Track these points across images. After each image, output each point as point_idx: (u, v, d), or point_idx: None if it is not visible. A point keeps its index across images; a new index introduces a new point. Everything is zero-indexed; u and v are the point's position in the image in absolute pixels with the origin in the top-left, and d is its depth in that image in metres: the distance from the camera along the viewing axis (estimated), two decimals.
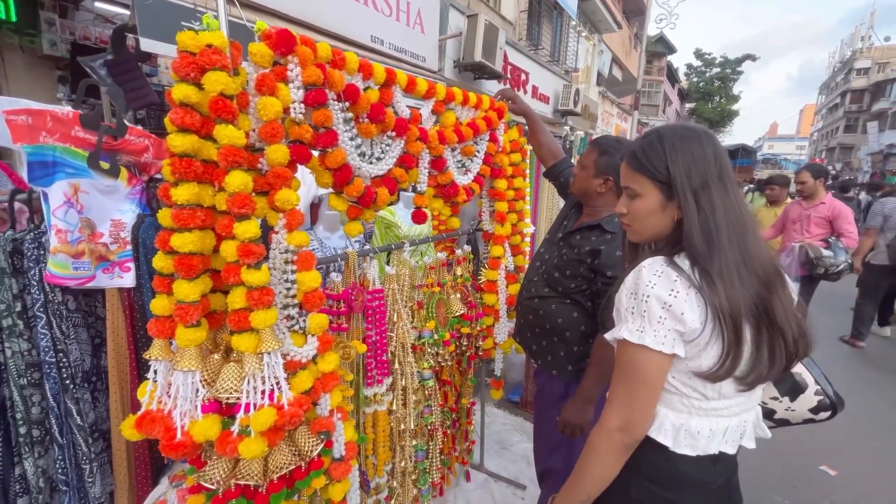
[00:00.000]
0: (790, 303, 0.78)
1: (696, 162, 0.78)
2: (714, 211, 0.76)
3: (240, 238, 0.88)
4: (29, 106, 1.14)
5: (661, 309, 0.74)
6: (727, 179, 0.78)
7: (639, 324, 0.76)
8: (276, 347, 0.93)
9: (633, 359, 0.77)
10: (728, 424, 0.82)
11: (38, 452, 1.17)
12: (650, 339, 0.74)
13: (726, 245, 0.75)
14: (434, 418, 1.59)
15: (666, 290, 0.74)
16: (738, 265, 0.75)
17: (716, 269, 0.73)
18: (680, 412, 0.81)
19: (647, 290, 0.75)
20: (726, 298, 0.72)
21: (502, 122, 1.68)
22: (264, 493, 0.95)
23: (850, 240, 3.38)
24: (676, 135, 0.81)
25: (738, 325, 0.72)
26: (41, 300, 1.14)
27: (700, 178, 0.77)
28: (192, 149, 0.85)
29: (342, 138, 1.10)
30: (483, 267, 1.82)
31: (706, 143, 0.80)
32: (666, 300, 0.74)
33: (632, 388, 0.78)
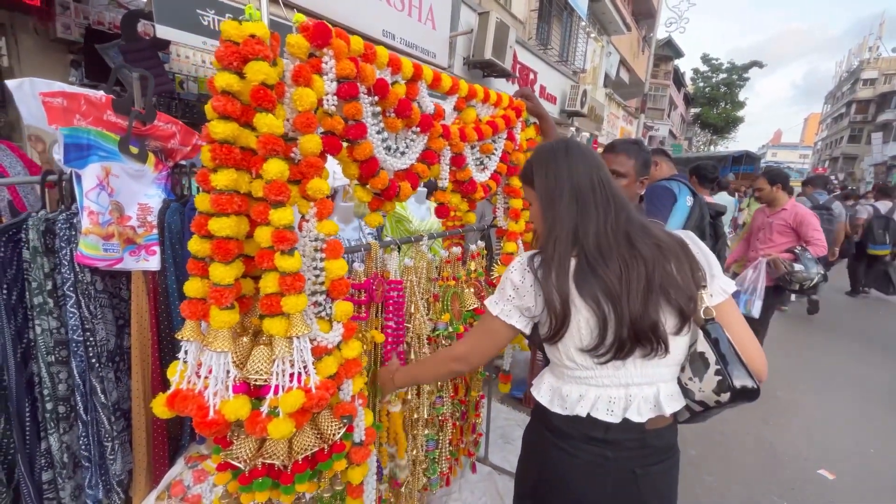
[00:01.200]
0: (662, 283, 0.88)
1: (550, 173, 0.99)
2: (560, 205, 0.95)
3: (275, 224, 0.90)
4: (64, 89, 1.17)
5: (511, 290, 0.97)
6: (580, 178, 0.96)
7: (497, 297, 1.01)
8: (305, 332, 0.96)
9: (488, 321, 1.02)
10: (599, 393, 0.94)
11: (63, 428, 1.20)
12: (499, 309, 0.99)
13: (569, 231, 0.92)
14: (445, 409, 1.62)
15: (518, 276, 0.96)
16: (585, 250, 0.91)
17: (547, 251, 0.92)
18: (557, 378, 1.00)
19: (509, 273, 0.98)
20: (551, 278, 0.89)
21: (520, 120, 1.70)
22: (289, 473, 0.98)
23: (818, 248, 3.14)
24: (541, 147, 1.07)
25: (554, 300, 0.88)
26: (71, 280, 1.16)
27: (552, 182, 0.97)
28: (231, 136, 0.88)
29: (370, 131, 1.13)
30: (496, 263, 1.85)
31: (559, 150, 1.01)
32: (516, 283, 0.96)
33: (480, 337, 1.06)
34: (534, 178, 1.02)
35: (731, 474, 2.54)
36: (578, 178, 0.96)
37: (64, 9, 3.59)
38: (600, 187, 0.95)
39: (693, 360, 0.96)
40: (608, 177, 0.98)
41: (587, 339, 0.89)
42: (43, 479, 1.20)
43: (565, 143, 1.02)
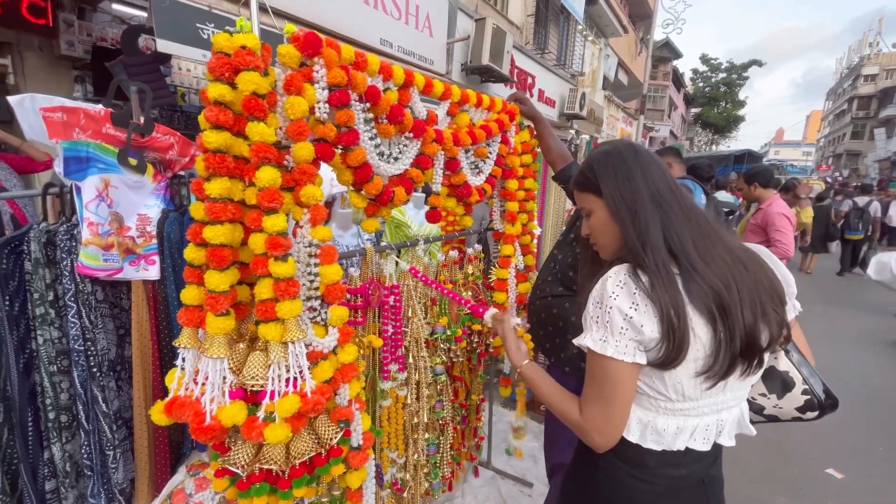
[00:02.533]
0: (755, 296, 0.80)
1: (623, 177, 0.87)
2: (643, 211, 0.83)
3: (268, 231, 0.92)
4: (63, 104, 1.19)
5: (622, 320, 0.78)
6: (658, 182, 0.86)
7: (602, 333, 0.80)
8: (300, 337, 0.97)
9: (603, 368, 0.81)
10: (697, 423, 0.86)
11: (65, 437, 1.21)
12: (612, 349, 0.78)
13: (660, 239, 0.80)
14: (445, 413, 1.62)
15: (627, 302, 0.78)
16: (682, 257, 0.79)
17: (650, 264, 0.78)
18: (647, 410, 0.85)
19: (610, 301, 0.79)
20: (664, 293, 0.76)
21: (514, 124, 1.72)
22: (287, 478, 0.99)
23: (779, 249, 3.03)
24: (603, 153, 0.93)
25: (672, 317, 0.75)
26: (72, 290, 1.18)
27: (627, 188, 0.86)
28: (224, 145, 0.90)
29: (362, 138, 1.14)
30: (494, 265, 1.86)
31: (629, 154, 0.90)
32: (627, 312, 0.77)
33: (606, 397, 0.82)
34: (600, 185, 0.89)
35: (737, 473, 2.51)
36: (655, 181, 0.86)
37: (68, 26, 3.66)
38: (676, 191, 0.86)
39: (770, 378, 0.95)
40: (676, 182, 0.89)
41: (701, 360, 0.77)
42: (46, 489, 1.21)
43: (633, 146, 0.92)
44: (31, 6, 3.47)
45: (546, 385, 0.97)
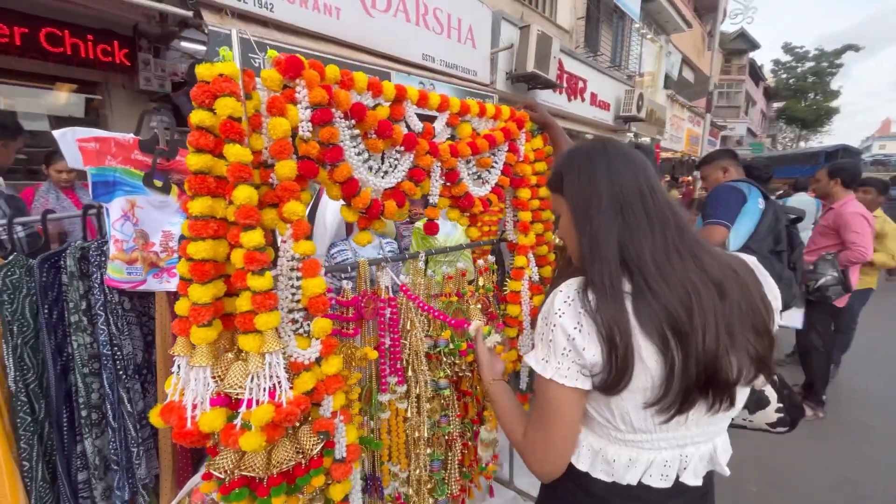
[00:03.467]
0: (732, 322, 0.69)
1: (584, 177, 0.81)
2: (598, 218, 0.76)
3: (245, 246, 0.96)
4: (97, 135, 1.35)
5: (565, 341, 0.72)
6: (624, 185, 0.78)
7: (545, 352, 0.75)
8: (277, 348, 1.00)
9: (544, 390, 0.76)
10: (653, 458, 0.76)
11: (95, 434, 1.34)
12: (552, 371, 0.73)
13: (614, 251, 0.73)
14: (452, 428, 1.59)
15: (572, 321, 0.72)
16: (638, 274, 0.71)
17: (595, 279, 0.72)
18: (599, 437, 0.80)
19: (555, 318, 0.73)
20: (606, 312, 0.69)
21: (523, 131, 1.67)
22: (265, 486, 1.02)
23: (855, 253, 2.77)
24: (572, 150, 0.87)
25: (615, 340, 0.68)
26: (101, 300, 1.32)
27: (586, 190, 0.79)
28: (206, 166, 0.96)
29: (349, 153, 1.17)
30: (508, 277, 1.80)
31: (594, 152, 0.82)
32: (570, 333, 0.71)
33: (546, 421, 0.77)
34: (563, 185, 0.85)
35: None
36: (621, 183, 0.78)
37: (145, 64, 4.16)
38: (651, 195, 0.77)
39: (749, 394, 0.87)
40: (659, 184, 0.81)
41: (650, 390, 0.70)
42: (78, 479, 1.35)
43: (602, 143, 0.85)
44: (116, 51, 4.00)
45: (504, 404, 0.93)
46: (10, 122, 1.67)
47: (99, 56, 3.96)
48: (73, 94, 4.26)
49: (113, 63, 4.06)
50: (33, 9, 3.54)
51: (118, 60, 4.05)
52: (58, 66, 3.85)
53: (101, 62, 3.99)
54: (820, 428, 3.05)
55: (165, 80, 4.29)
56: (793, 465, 2.60)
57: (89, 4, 3.51)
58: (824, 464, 2.63)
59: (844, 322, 3.48)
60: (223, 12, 3.50)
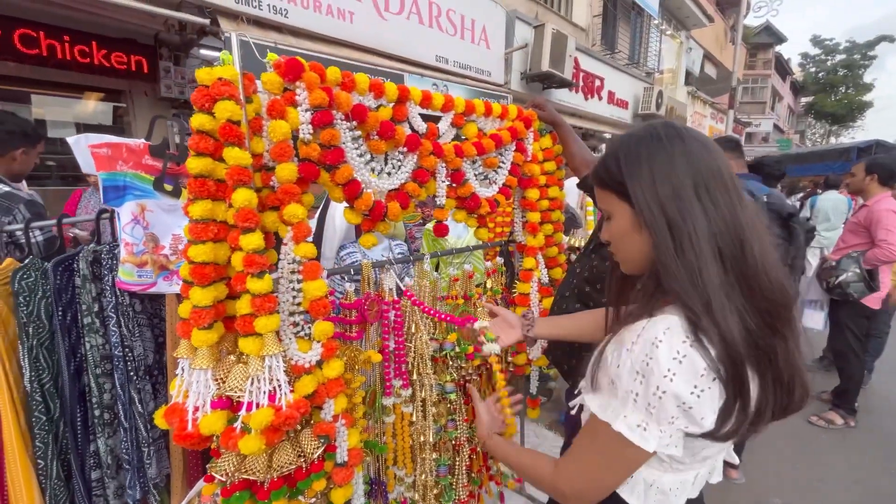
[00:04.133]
0: (796, 343, 0.64)
1: (658, 168, 0.65)
2: (694, 228, 0.61)
3: (245, 249, 0.96)
4: (109, 140, 1.38)
5: (676, 408, 0.59)
6: (714, 183, 0.64)
7: (641, 418, 0.61)
8: (276, 351, 1.00)
9: (622, 450, 0.64)
10: (697, 472, 0.73)
11: (108, 433, 1.37)
12: (654, 441, 0.61)
13: (715, 271, 0.60)
14: (459, 433, 1.56)
15: (689, 385, 0.58)
16: (734, 296, 0.61)
17: (710, 308, 0.59)
18: (654, 469, 0.71)
19: (664, 383, 0.58)
20: (723, 347, 0.58)
21: (530, 130, 1.64)
22: (266, 490, 1.01)
23: (884, 251, 2.62)
24: (633, 138, 0.70)
25: (742, 376, 0.59)
26: (113, 302, 1.34)
27: (668, 187, 0.63)
28: (206, 170, 0.96)
29: (350, 155, 1.16)
30: (517, 279, 1.77)
31: (672, 143, 0.66)
32: (686, 400, 0.58)
33: (604, 470, 0.68)
34: (626, 181, 0.67)
35: None
36: (710, 183, 0.63)
37: (166, 72, 4.28)
38: (741, 204, 0.65)
39: None
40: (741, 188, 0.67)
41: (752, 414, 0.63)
42: (92, 478, 1.37)
43: (675, 127, 0.69)
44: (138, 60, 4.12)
45: (512, 455, 0.88)
46: (30, 129, 1.72)
47: (122, 65, 4.09)
48: (101, 102, 4.41)
49: (136, 72, 4.18)
50: (59, 21, 3.68)
51: (140, 69, 4.17)
52: (84, 76, 3.99)
53: (125, 71, 4.12)
54: (849, 437, 2.90)
55: (185, 87, 4.40)
56: (819, 477, 2.48)
57: (112, 15, 3.63)
58: (853, 476, 2.50)
59: (877, 326, 3.31)
60: (239, 19, 3.57)
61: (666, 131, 0.68)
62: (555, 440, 2.56)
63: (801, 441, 2.83)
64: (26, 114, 4.03)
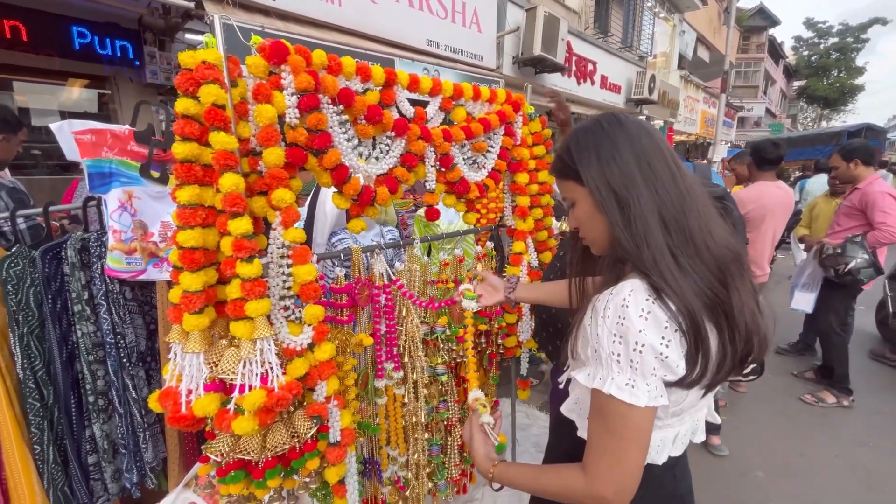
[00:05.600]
0: (749, 294, 0.70)
1: (604, 152, 0.73)
2: (638, 200, 0.69)
3: (233, 234, 0.97)
4: (92, 127, 1.36)
5: (654, 359, 0.65)
6: (653, 158, 0.71)
7: (628, 376, 0.66)
8: (268, 334, 1.01)
9: (629, 417, 0.66)
10: (678, 431, 0.77)
11: (102, 419, 1.38)
12: (646, 396, 0.65)
13: (661, 236, 0.67)
14: (451, 414, 1.60)
15: (658, 336, 0.65)
16: (682, 257, 0.67)
17: (655, 272, 0.66)
18: None
19: (641, 337, 0.64)
20: (678, 301, 0.65)
21: (519, 114, 1.64)
22: (260, 469, 1.04)
23: (884, 233, 2.67)
24: (581, 130, 0.78)
25: (698, 325, 0.65)
26: (102, 290, 1.34)
27: (614, 167, 0.71)
28: (192, 155, 0.96)
29: (338, 139, 1.16)
30: (507, 263, 1.79)
31: (613, 129, 0.74)
32: (660, 350, 0.65)
33: (624, 450, 0.68)
34: (579, 169, 0.75)
35: None
36: (648, 157, 0.71)
37: (151, 58, 4.19)
38: (677, 166, 0.72)
39: None
40: (679, 160, 0.75)
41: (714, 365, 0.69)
42: (89, 462, 1.39)
43: (616, 116, 0.76)
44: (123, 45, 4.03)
45: (530, 477, 0.83)
46: (10, 116, 1.69)
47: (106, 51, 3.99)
48: (85, 89, 4.32)
49: (120, 57, 4.09)
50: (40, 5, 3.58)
51: (125, 54, 4.08)
52: (67, 62, 3.90)
53: (109, 57, 4.03)
54: (831, 414, 2.99)
55: (171, 72, 4.32)
56: (801, 452, 2.56)
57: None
58: (834, 450, 2.58)
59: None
60: (224, 2, 3.49)
61: (608, 120, 0.77)
62: (546, 420, 2.62)
63: (786, 417, 2.92)
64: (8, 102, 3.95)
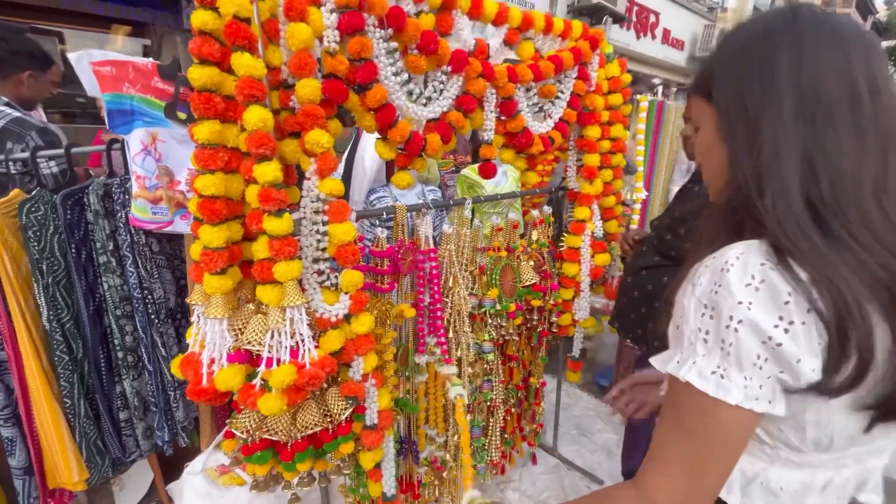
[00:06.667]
0: None
1: (751, 66, 0.51)
2: (774, 129, 0.48)
3: (260, 182, 0.81)
4: (113, 58, 1.21)
5: (759, 345, 0.46)
6: (834, 96, 0.47)
7: (717, 362, 0.48)
8: (299, 302, 0.87)
9: (706, 415, 0.49)
10: (830, 477, 0.55)
11: (132, 376, 1.32)
12: (739, 392, 0.47)
13: (797, 181, 0.47)
14: (494, 395, 1.45)
15: (770, 314, 0.45)
16: (837, 217, 0.46)
17: (782, 226, 0.46)
18: (755, 458, 0.56)
19: (738, 310, 0.46)
20: (820, 273, 0.44)
21: (596, 53, 1.37)
22: (289, 451, 0.93)
23: None
24: (738, 29, 0.55)
25: (849, 309, 0.43)
26: (128, 241, 1.24)
27: (754, 86, 0.50)
28: (211, 82, 0.79)
29: (384, 73, 0.96)
30: (566, 232, 1.57)
31: (782, 35, 0.50)
32: (770, 334, 0.45)
33: (700, 456, 0.50)
34: (711, 81, 0.55)
35: None
36: (818, 75, 0.48)
37: (188, 2, 4.03)
38: (870, 95, 0.47)
39: None
40: (888, 80, 0.49)
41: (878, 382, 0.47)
42: (120, 418, 1.35)
43: (792, 10, 0.52)
44: None
45: None
46: (37, 51, 1.58)
47: None
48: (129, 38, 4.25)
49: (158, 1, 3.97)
50: None
51: None
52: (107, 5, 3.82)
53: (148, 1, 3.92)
54: None
55: None
56: None
57: None
58: None
59: None
60: None
61: (780, 18, 0.52)
62: (589, 401, 2.46)
63: None
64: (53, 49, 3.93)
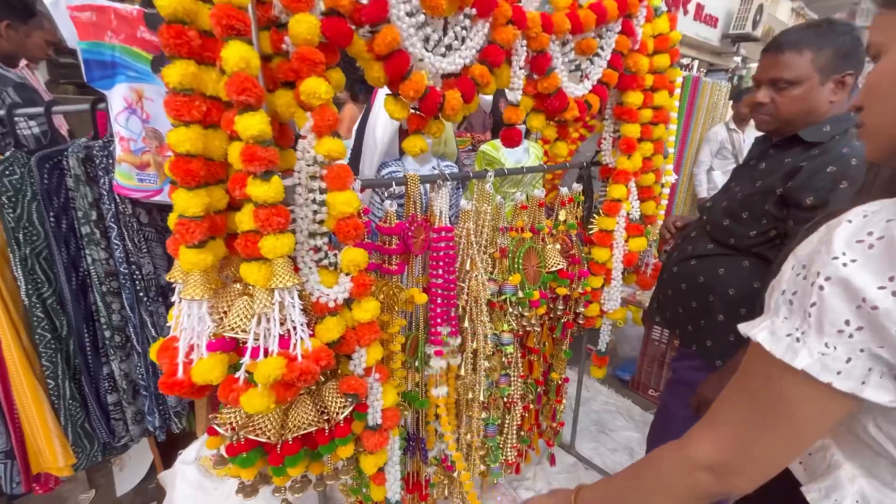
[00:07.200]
0: None
1: None
2: None
3: (243, 137, 0.67)
4: (93, 2, 1.07)
5: (849, 307, 0.38)
6: None
7: (796, 324, 0.42)
8: (291, 284, 0.73)
9: (771, 379, 0.43)
10: None
11: (120, 357, 1.23)
12: (808, 357, 0.40)
13: None
14: (512, 390, 1.32)
15: (877, 276, 0.37)
16: None
17: None
18: (881, 481, 0.46)
19: (830, 267, 0.39)
20: None
21: (643, 5, 1.17)
22: (279, 454, 0.81)
23: None
24: None
25: None
26: (112, 210, 1.13)
27: None
28: (183, 10, 0.65)
29: (396, 12, 0.80)
30: (597, 213, 1.40)
31: None
32: (869, 295, 0.37)
33: (756, 423, 0.45)
34: None
35: None
36: None
37: None
38: None
39: None
40: None
41: None
42: (109, 401, 1.25)
43: None
44: None
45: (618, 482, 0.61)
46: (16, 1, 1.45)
47: None
48: None
49: None
50: None
51: None
52: None
53: None
54: None
55: None
56: None
57: None
58: None
59: None
60: None
61: None
62: (609, 395, 2.31)
63: None
64: None
